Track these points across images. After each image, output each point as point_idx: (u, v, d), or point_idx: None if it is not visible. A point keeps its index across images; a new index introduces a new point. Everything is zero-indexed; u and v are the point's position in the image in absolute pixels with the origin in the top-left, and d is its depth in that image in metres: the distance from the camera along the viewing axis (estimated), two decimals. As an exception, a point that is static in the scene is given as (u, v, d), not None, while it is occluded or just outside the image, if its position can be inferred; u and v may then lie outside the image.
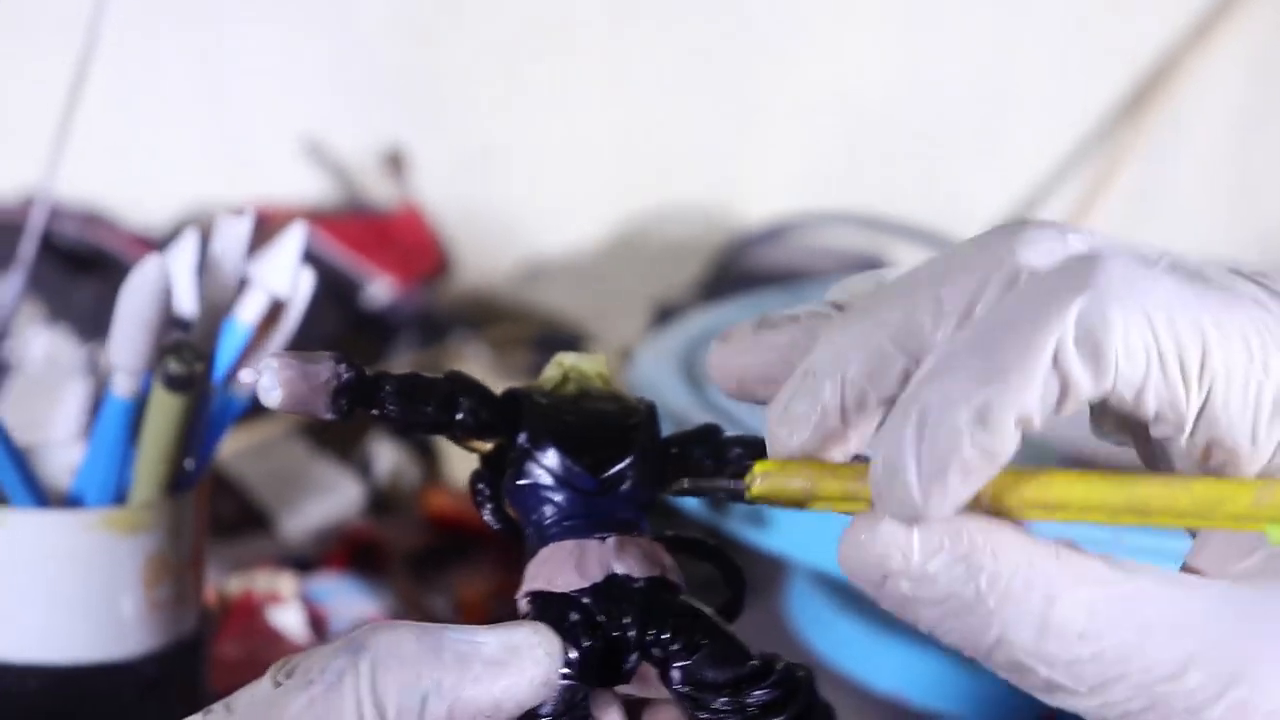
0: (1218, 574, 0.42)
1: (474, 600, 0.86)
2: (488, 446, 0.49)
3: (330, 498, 0.97)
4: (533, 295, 1.22)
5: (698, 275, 1.20)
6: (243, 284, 0.66)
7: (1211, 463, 0.41)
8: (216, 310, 0.64)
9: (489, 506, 0.50)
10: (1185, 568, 0.43)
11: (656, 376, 0.90)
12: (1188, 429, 0.40)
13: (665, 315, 1.09)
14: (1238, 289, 0.41)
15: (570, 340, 1.07)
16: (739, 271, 1.15)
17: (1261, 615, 0.41)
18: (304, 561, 0.90)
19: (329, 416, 0.47)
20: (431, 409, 0.48)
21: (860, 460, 0.43)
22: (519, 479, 0.48)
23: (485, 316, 1.16)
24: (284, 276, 0.66)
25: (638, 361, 0.94)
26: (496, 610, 0.86)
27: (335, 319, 1.09)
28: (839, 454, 0.43)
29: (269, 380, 0.47)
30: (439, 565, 0.91)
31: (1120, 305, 0.39)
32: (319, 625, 0.84)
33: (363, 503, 0.97)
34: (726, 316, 1.00)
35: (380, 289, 1.11)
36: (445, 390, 0.48)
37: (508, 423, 0.48)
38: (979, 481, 0.39)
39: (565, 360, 0.50)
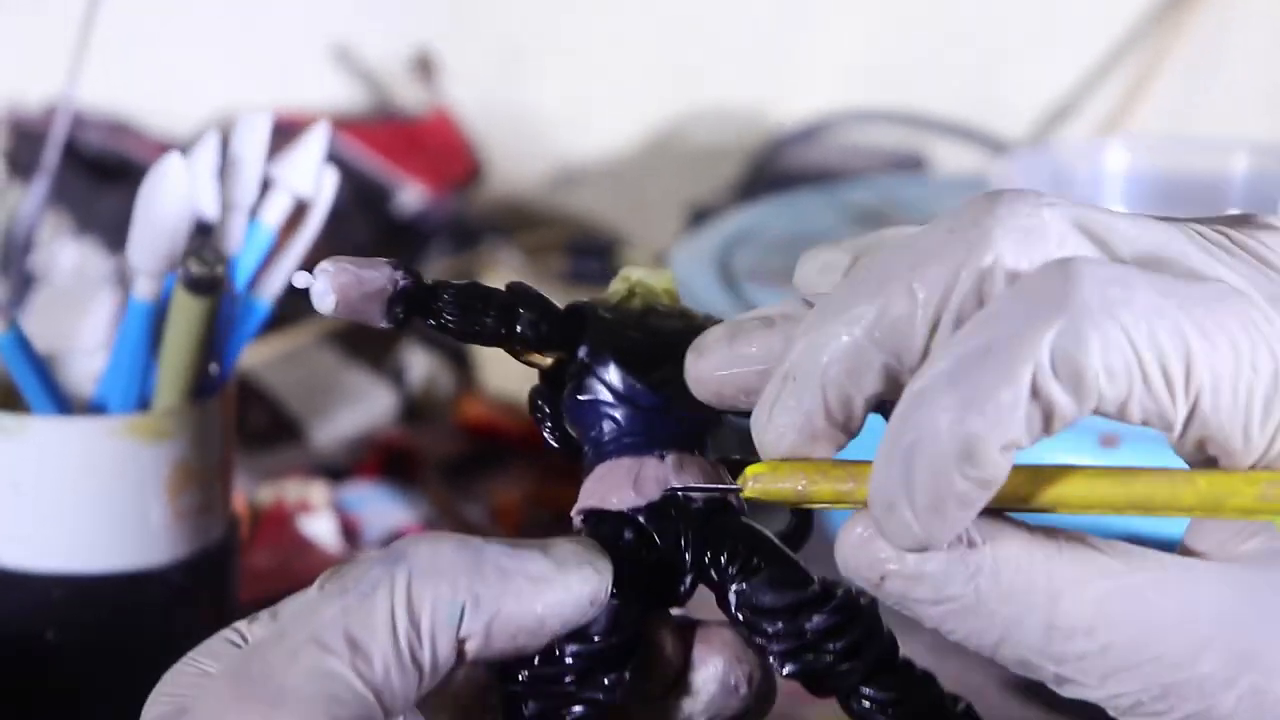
0: (1219, 556, 0.41)
1: (509, 508, 0.85)
2: (548, 361, 0.47)
3: (362, 406, 0.96)
4: (566, 200, 1.20)
5: (733, 177, 1.18)
6: (265, 186, 0.65)
7: (1205, 456, 0.40)
8: (239, 212, 0.63)
9: (548, 424, 0.48)
10: (1183, 549, 0.42)
11: (691, 279, 0.88)
12: (1177, 432, 0.39)
13: (700, 218, 1.07)
14: (1214, 274, 0.40)
15: (604, 245, 1.05)
16: (775, 172, 1.13)
17: (1271, 599, 0.40)
18: (336, 470, 0.89)
19: (384, 324, 0.46)
20: (491, 320, 0.46)
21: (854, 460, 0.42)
22: (578, 394, 0.46)
23: (518, 222, 1.14)
24: (307, 177, 0.65)
25: (673, 264, 0.92)
26: (531, 518, 0.85)
27: (365, 227, 1.08)
28: (831, 450, 0.42)
29: (323, 285, 0.45)
30: (473, 473, 0.90)
31: (1096, 326, 0.38)
32: (351, 534, 0.83)
33: (395, 411, 0.96)
34: (762, 217, 0.98)
35: (411, 196, 1.10)
36: (506, 301, 0.46)
37: (569, 337, 0.47)
38: (979, 506, 0.39)
39: (632, 275, 0.48)
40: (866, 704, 0.46)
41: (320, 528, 0.82)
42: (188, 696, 0.44)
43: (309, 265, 0.50)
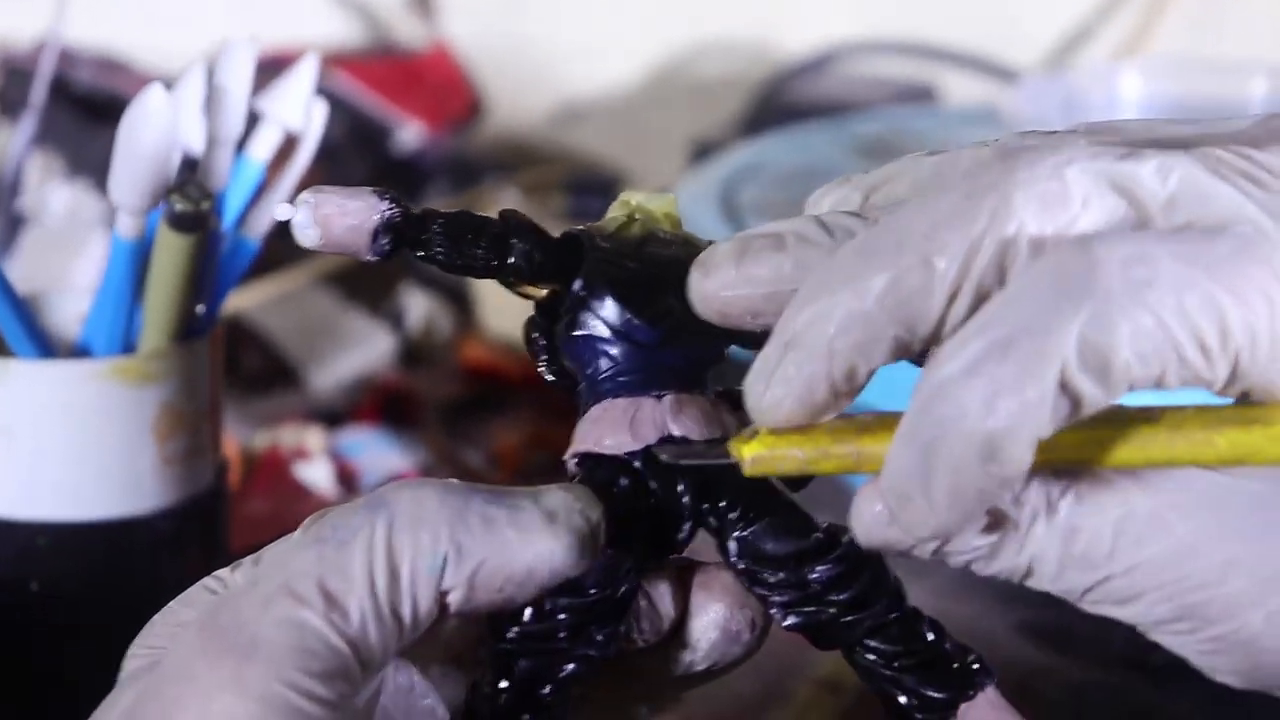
0: (1249, 474, 0.40)
1: (509, 451, 0.83)
2: (543, 293, 0.45)
3: (360, 349, 0.94)
4: (567, 137, 1.18)
5: (738, 111, 1.16)
6: (254, 119, 0.62)
7: (1249, 401, 0.39)
8: (225, 147, 0.61)
9: (544, 358, 0.46)
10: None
11: (696, 214, 0.86)
12: (1218, 389, 0.38)
13: (704, 153, 1.05)
14: (1240, 213, 0.38)
15: (606, 182, 1.03)
16: (781, 105, 1.11)
17: None
18: (333, 415, 0.87)
19: (370, 258, 0.43)
20: (482, 250, 0.44)
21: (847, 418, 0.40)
22: (573, 329, 0.44)
23: (518, 160, 1.12)
24: (296, 109, 0.63)
25: (677, 197, 0.90)
26: (531, 461, 0.83)
27: (364, 165, 1.06)
28: (828, 417, 0.40)
29: (305, 217, 0.43)
30: (473, 417, 0.88)
31: (1124, 314, 0.37)
32: (348, 480, 0.82)
33: (394, 354, 0.94)
34: (768, 151, 0.96)
35: (410, 134, 1.08)
36: (497, 231, 0.44)
37: (565, 267, 0.44)
38: (1000, 500, 0.39)
39: (631, 200, 0.46)
40: (871, 657, 0.44)
41: (316, 474, 0.81)
42: (164, 649, 0.42)
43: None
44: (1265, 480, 0.40)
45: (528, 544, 0.41)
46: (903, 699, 0.44)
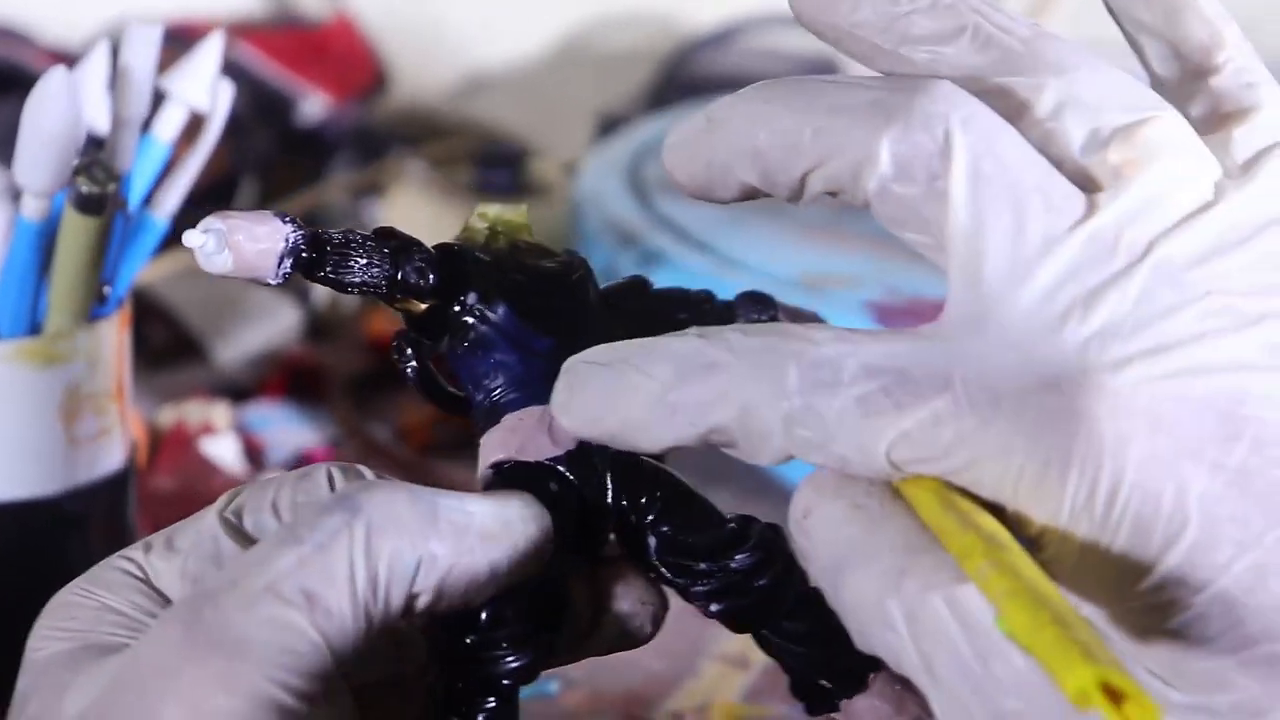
0: None
1: (416, 427, 0.84)
2: (422, 307, 0.46)
3: (266, 323, 0.93)
4: (473, 109, 1.17)
5: (644, 84, 1.16)
6: (160, 98, 0.62)
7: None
8: (130, 127, 0.60)
9: (412, 366, 0.46)
10: None
11: (602, 190, 0.87)
12: None
13: (610, 127, 1.05)
14: None
15: (513, 156, 1.03)
16: (687, 79, 1.11)
17: None
18: (239, 390, 0.87)
19: (273, 282, 0.44)
20: (376, 270, 0.44)
21: None
22: (467, 343, 0.45)
23: (424, 132, 1.12)
24: (202, 88, 0.62)
25: (583, 174, 0.90)
26: (438, 437, 0.83)
27: (268, 138, 1.05)
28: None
29: (215, 244, 0.43)
30: (380, 391, 0.88)
31: None
32: (255, 456, 0.81)
33: (300, 328, 0.94)
34: (673, 125, 0.96)
35: (314, 105, 1.07)
36: (387, 249, 0.45)
37: (451, 283, 0.45)
38: None
39: (489, 212, 0.47)
40: (787, 637, 0.45)
41: (223, 450, 0.80)
42: (93, 633, 0.42)
43: (207, 179, 0.48)
44: None
45: (489, 550, 0.42)
46: (815, 674, 0.45)
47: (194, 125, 0.63)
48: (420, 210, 0.99)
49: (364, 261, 0.44)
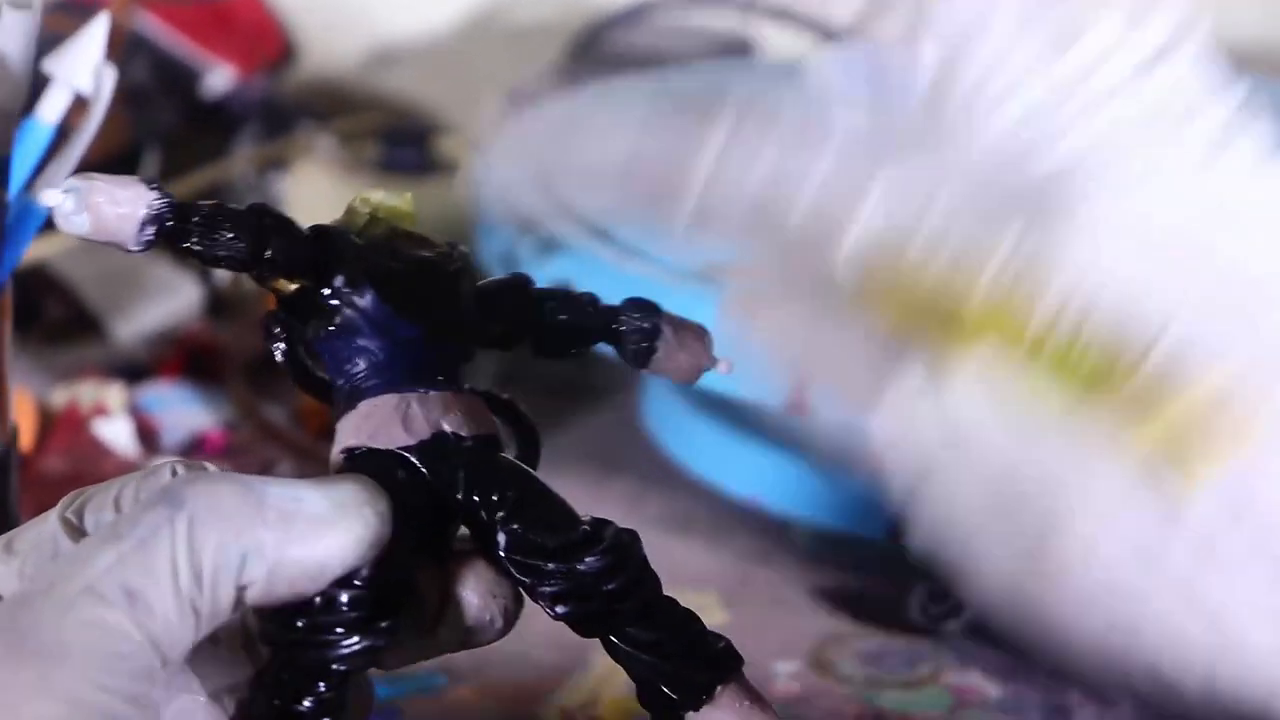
0: None
1: (313, 409, 0.82)
2: (292, 287, 0.45)
3: (166, 300, 0.92)
4: (383, 83, 1.16)
5: (556, 60, 1.15)
6: (43, 81, 0.61)
7: None
8: (6, 114, 0.59)
9: (280, 348, 0.46)
10: None
11: (505, 174, 0.86)
12: None
13: (521, 102, 1.04)
14: None
15: (422, 132, 1.02)
16: (599, 55, 1.10)
17: None
18: (135, 370, 0.86)
19: (134, 249, 0.43)
20: (241, 245, 0.44)
21: None
22: (332, 326, 0.45)
23: (333, 106, 1.10)
24: (87, 71, 0.61)
25: (487, 157, 0.89)
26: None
27: (171, 111, 1.04)
28: None
29: (74, 204, 0.42)
30: (279, 374, 0.86)
31: None
32: (149, 438, 0.81)
33: (201, 305, 0.92)
34: (585, 104, 0.96)
35: (219, 77, 1.06)
36: (254, 224, 0.44)
37: (317, 263, 0.45)
38: None
39: (373, 198, 0.46)
40: (633, 646, 0.45)
41: (116, 432, 0.80)
42: None
43: (108, 151, 0.47)
44: None
45: (320, 538, 0.42)
46: (663, 683, 0.45)
47: (84, 104, 0.63)
48: (326, 186, 0.98)
49: (230, 236, 0.44)
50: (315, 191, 0.98)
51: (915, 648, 0.67)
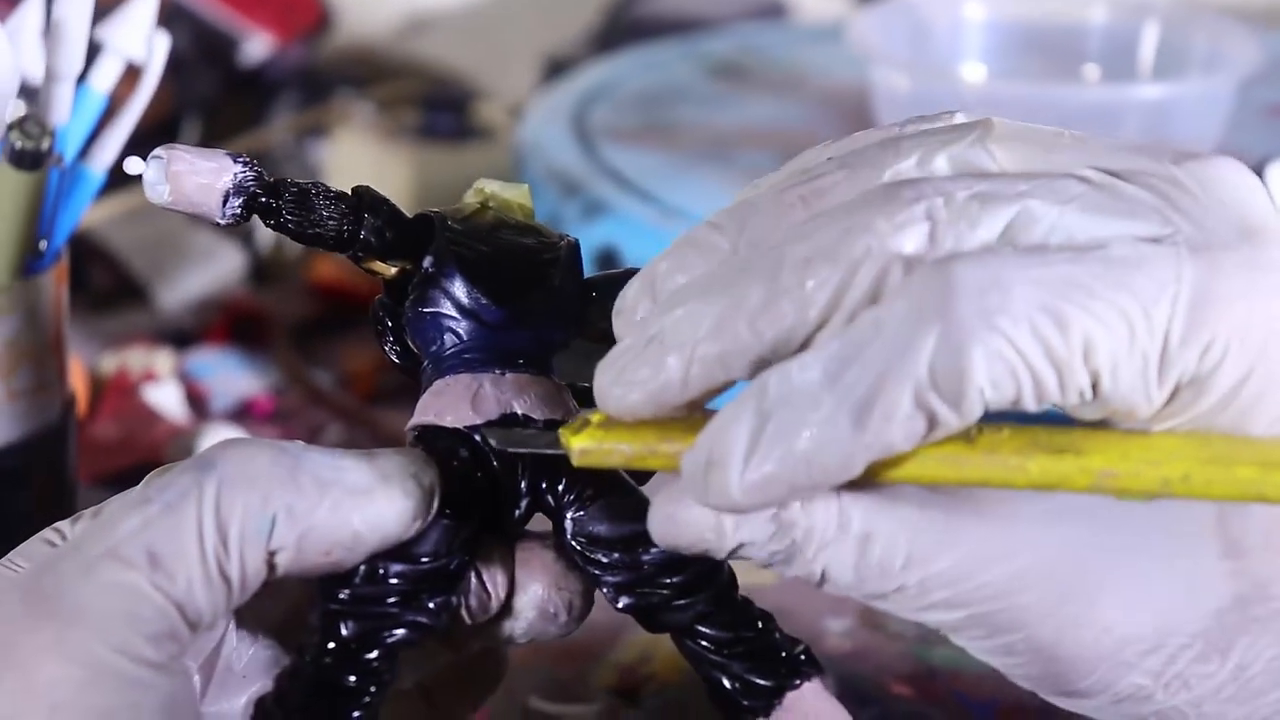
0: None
1: (360, 373, 0.83)
2: (392, 271, 0.46)
3: (210, 267, 0.93)
4: (419, 50, 1.17)
5: (590, 26, 1.16)
6: (95, 49, 0.62)
7: (1107, 421, 0.40)
8: (64, 81, 0.60)
9: (389, 339, 0.46)
10: None
11: (548, 136, 0.86)
12: (1077, 413, 0.39)
13: (557, 70, 1.04)
14: (1101, 237, 0.38)
15: (459, 99, 1.02)
16: (633, 21, 1.10)
17: (1090, 538, 0.40)
18: (182, 336, 0.87)
19: (221, 221, 0.44)
20: (334, 223, 0.44)
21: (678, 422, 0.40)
22: (421, 306, 0.45)
23: (369, 74, 1.11)
24: (139, 39, 0.62)
25: (527, 119, 0.90)
26: (383, 383, 0.83)
27: (210, 79, 1.04)
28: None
29: (155, 174, 0.43)
30: (324, 337, 0.88)
31: (976, 338, 0.37)
32: (198, 403, 0.81)
33: (245, 272, 0.93)
34: (619, 71, 0.96)
35: (257, 45, 1.06)
36: (351, 204, 0.44)
37: (415, 246, 0.45)
38: (801, 498, 0.39)
39: (486, 188, 0.46)
40: (701, 643, 0.45)
41: (166, 397, 0.80)
42: None
43: (149, 121, 0.47)
44: (1059, 495, 0.40)
45: (357, 507, 0.41)
46: (728, 685, 0.45)
47: (135, 72, 0.63)
48: (365, 152, 0.99)
49: (324, 213, 0.44)
50: (355, 158, 0.98)
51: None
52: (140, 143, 0.63)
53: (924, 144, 0.40)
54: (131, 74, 0.63)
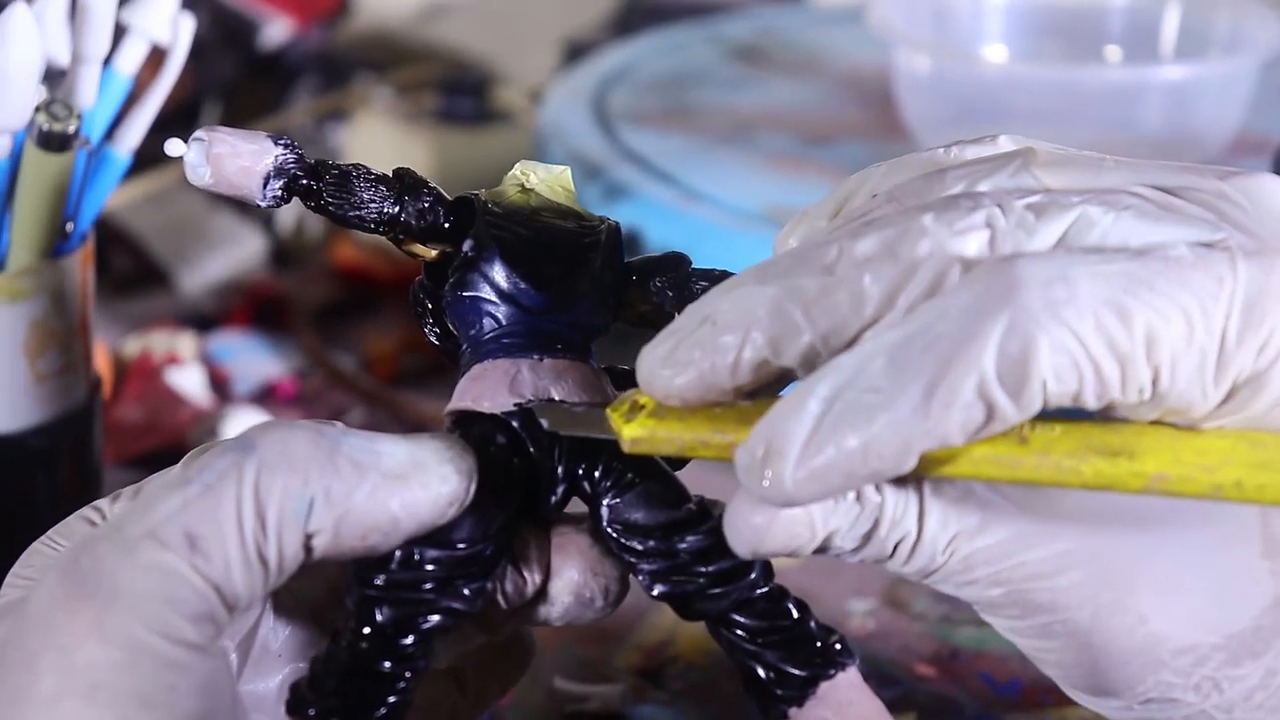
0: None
1: (382, 356, 0.84)
2: (432, 254, 0.46)
3: (231, 250, 0.93)
4: (438, 33, 1.17)
5: (609, 9, 1.16)
6: (120, 31, 0.62)
7: (1163, 420, 0.40)
8: (91, 63, 0.60)
9: (429, 320, 0.46)
10: None
11: (568, 119, 0.86)
12: (1135, 409, 0.39)
13: (576, 54, 1.04)
14: (1158, 238, 0.39)
15: (478, 82, 1.02)
16: (652, 4, 1.10)
17: (1126, 531, 0.41)
18: (204, 319, 0.87)
19: (261, 203, 0.44)
20: (375, 205, 0.44)
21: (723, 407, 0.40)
22: (460, 289, 0.45)
23: (389, 57, 1.11)
24: (163, 21, 0.62)
25: (547, 102, 0.90)
26: (405, 366, 0.83)
27: (231, 62, 1.04)
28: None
29: (197, 155, 0.43)
30: (346, 320, 0.88)
31: (1042, 329, 0.37)
32: (221, 386, 0.81)
33: (265, 255, 0.93)
34: (639, 54, 0.96)
35: (277, 29, 1.06)
36: (392, 187, 0.44)
37: (456, 229, 0.45)
38: (860, 486, 0.39)
39: (528, 170, 0.46)
40: (736, 631, 0.44)
41: (189, 380, 0.80)
42: (34, 582, 0.42)
43: (169, 105, 0.47)
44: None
45: (395, 492, 0.41)
46: (763, 674, 0.44)
47: (157, 55, 0.63)
48: (385, 137, 0.99)
49: (365, 195, 0.44)
50: (374, 142, 0.98)
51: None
52: (162, 127, 0.64)
53: (968, 176, 0.40)
54: (154, 58, 0.63)
